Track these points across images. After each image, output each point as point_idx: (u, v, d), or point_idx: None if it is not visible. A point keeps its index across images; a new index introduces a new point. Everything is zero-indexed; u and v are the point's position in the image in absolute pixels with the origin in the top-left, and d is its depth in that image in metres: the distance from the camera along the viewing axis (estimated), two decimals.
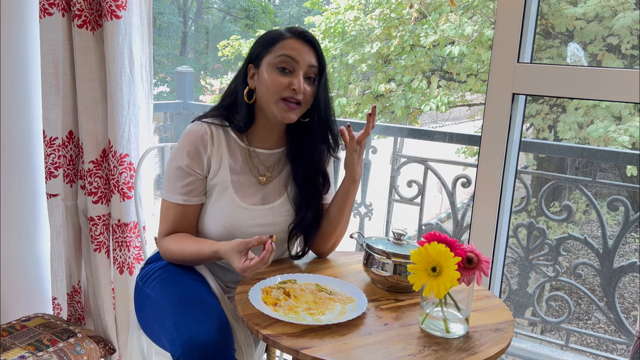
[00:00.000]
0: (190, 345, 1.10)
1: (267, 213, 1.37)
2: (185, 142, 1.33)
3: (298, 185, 1.39)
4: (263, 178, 1.38)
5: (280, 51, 1.29)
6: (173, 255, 1.34)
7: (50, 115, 1.80)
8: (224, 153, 1.35)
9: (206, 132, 1.33)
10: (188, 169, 1.33)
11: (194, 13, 10.24)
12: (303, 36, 1.32)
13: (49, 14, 1.71)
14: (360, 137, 1.32)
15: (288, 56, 1.28)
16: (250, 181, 1.37)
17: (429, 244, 1.04)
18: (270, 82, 1.28)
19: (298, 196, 1.39)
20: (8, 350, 1.55)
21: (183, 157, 1.33)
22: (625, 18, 4.66)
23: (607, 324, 4.94)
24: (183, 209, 1.35)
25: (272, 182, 1.39)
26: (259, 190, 1.38)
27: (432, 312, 1.09)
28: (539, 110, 5.40)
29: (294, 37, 1.31)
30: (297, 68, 1.28)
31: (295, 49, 1.29)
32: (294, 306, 1.12)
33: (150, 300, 1.32)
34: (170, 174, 1.35)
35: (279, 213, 1.38)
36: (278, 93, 1.28)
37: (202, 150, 1.33)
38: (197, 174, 1.34)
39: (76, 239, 1.88)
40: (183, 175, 1.33)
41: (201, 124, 1.35)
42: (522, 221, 2.27)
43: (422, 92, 5.99)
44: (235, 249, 1.18)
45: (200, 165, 1.33)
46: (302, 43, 1.30)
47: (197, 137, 1.33)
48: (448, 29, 5.69)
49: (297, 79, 1.28)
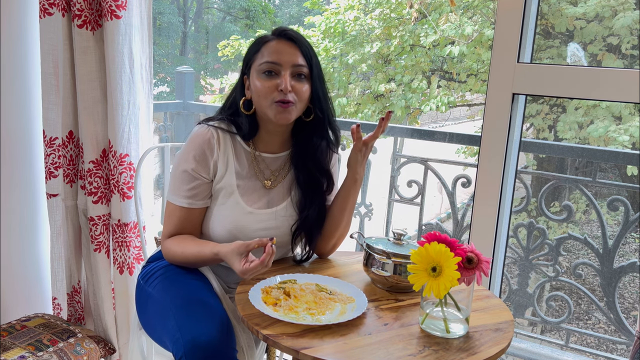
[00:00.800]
0: (192, 345, 1.10)
1: (271, 217, 1.37)
2: (192, 146, 1.33)
3: (301, 187, 1.39)
4: (268, 182, 1.38)
5: (263, 58, 1.30)
6: (175, 256, 1.34)
7: (50, 115, 1.80)
8: (230, 157, 1.35)
9: (213, 135, 1.33)
10: (194, 172, 1.33)
11: (194, 13, 10.24)
12: (284, 35, 1.32)
13: (49, 14, 1.71)
14: (368, 139, 1.31)
15: (270, 62, 1.29)
16: (256, 185, 1.37)
17: (429, 244, 1.04)
18: (260, 88, 1.29)
19: (301, 198, 1.39)
20: (8, 350, 1.55)
21: (189, 160, 1.33)
22: (625, 18, 4.66)
23: (607, 324, 4.94)
24: (187, 212, 1.35)
25: (277, 187, 1.39)
26: (264, 194, 1.38)
27: (432, 312, 1.09)
28: (539, 110, 5.40)
29: (276, 39, 1.31)
30: (281, 69, 1.29)
31: (277, 52, 1.29)
32: (294, 306, 1.12)
33: (152, 299, 1.32)
34: (176, 176, 1.35)
35: (282, 217, 1.38)
36: (268, 97, 1.29)
37: (209, 154, 1.33)
38: (203, 178, 1.33)
39: (76, 239, 1.88)
40: (189, 178, 1.33)
41: (208, 127, 1.34)
42: (522, 221, 2.27)
43: (422, 92, 5.99)
44: (235, 251, 1.17)
45: (207, 169, 1.33)
46: (284, 43, 1.30)
47: (204, 140, 1.33)
48: (448, 29, 5.69)
49: (283, 79, 1.28)
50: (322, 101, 1.35)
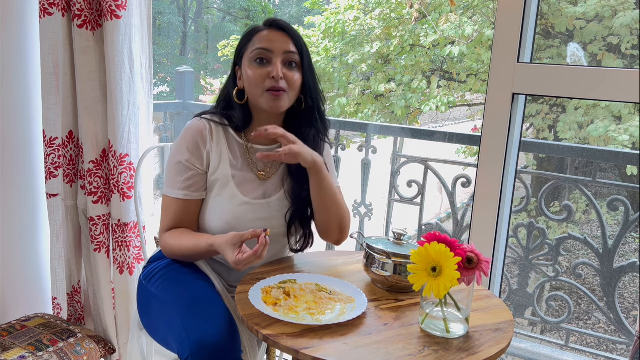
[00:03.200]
0: (199, 346, 1.10)
1: (266, 207, 1.37)
2: (185, 138, 1.35)
3: (293, 177, 1.40)
4: (262, 174, 1.39)
5: (254, 45, 1.32)
6: (172, 250, 1.34)
7: (50, 115, 1.80)
8: (224, 149, 1.36)
9: (205, 127, 1.35)
10: (188, 163, 1.34)
11: (194, 13, 10.24)
12: (275, 25, 1.34)
13: (49, 14, 1.71)
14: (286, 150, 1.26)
15: (262, 48, 1.31)
16: (250, 177, 1.38)
17: (429, 244, 1.04)
18: (252, 76, 1.31)
19: (294, 187, 1.39)
20: (8, 350, 1.55)
21: (183, 152, 1.34)
22: (625, 18, 4.65)
23: (607, 324, 4.94)
24: (184, 204, 1.35)
25: (271, 178, 1.40)
26: (259, 185, 1.38)
27: (432, 312, 1.09)
28: (539, 110, 5.40)
29: (267, 29, 1.34)
30: (273, 57, 1.30)
31: (268, 40, 1.31)
32: (294, 306, 1.12)
33: (155, 299, 1.31)
34: (171, 169, 1.36)
35: (277, 208, 1.38)
36: (261, 85, 1.30)
37: (202, 145, 1.34)
38: (197, 169, 1.34)
39: (76, 239, 1.88)
40: (183, 170, 1.34)
41: (200, 119, 1.37)
42: (522, 221, 2.27)
43: (422, 92, 5.99)
44: (229, 242, 1.18)
45: (200, 160, 1.34)
46: (276, 32, 1.33)
47: (197, 132, 1.34)
48: (448, 29, 5.69)
49: (275, 66, 1.29)
50: (313, 90, 1.36)
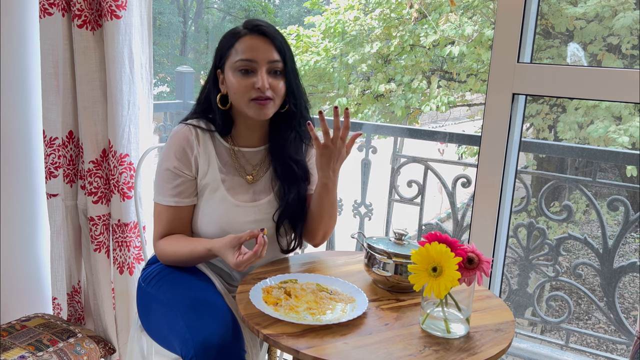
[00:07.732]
0: (203, 347, 1.10)
1: (256, 210, 1.37)
2: (171, 144, 1.35)
3: (280, 178, 1.39)
4: (250, 177, 1.39)
5: (238, 55, 1.29)
6: (169, 257, 1.34)
7: (50, 115, 1.80)
8: (211, 154, 1.36)
9: (191, 132, 1.35)
10: (176, 170, 1.33)
11: (194, 13, 10.23)
12: (258, 30, 1.30)
13: (49, 14, 1.71)
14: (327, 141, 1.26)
15: (245, 60, 1.28)
16: (239, 181, 1.38)
17: (429, 244, 1.04)
18: (237, 87, 1.29)
19: (281, 188, 1.39)
20: (8, 350, 1.55)
21: (170, 158, 1.34)
22: (625, 18, 4.66)
23: (607, 324, 4.94)
24: (175, 211, 1.35)
25: (259, 181, 1.40)
26: (249, 189, 1.38)
27: (432, 312, 1.09)
28: (539, 110, 5.40)
29: (249, 34, 1.30)
30: (258, 67, 1.29)
31: (252, 49, 1.28)
32: (295, 306, 1.12)
33: (156, 300, 1.31)
34: (160, 176, 1.35)
35: (267, 210, 1.38)
36: (246, 95, 1.29)
37: (189, 151, 1.34)
38: (185, 175, 1.34)
39: (76, 239, 1.87)
40: (172, 177, 1.34)
41: (186, 125, 1.36)
42: (522, 221, 2.27)
43: (422, 92, 5.99)
44: (228, 245, 1.18)
45: (188, 166, 1.34)
46: (258, 38, 1.30)
47: (183, 138, 1.34)
48: (448, 29, 5.69)
49: (260, 77, 1.28)
50: (296, 94, 1.35)
